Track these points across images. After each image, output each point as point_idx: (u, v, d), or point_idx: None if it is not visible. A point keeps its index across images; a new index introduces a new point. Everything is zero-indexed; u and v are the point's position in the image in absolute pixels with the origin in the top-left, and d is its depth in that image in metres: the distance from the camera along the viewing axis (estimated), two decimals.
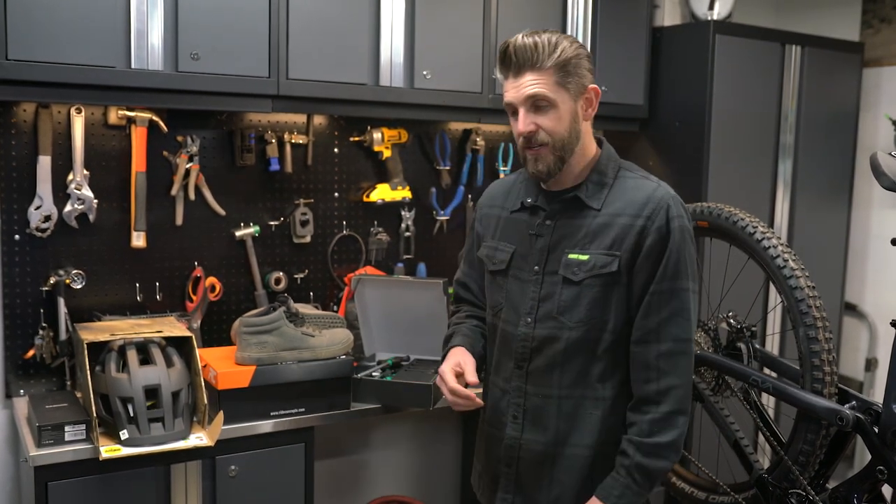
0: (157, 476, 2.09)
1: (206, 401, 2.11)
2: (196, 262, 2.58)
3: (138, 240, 2.44)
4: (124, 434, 1.97)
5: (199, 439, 2.04)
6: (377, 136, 2.78)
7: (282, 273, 2.71)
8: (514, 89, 1.66)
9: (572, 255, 1.70)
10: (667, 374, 1.65)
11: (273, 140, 2.62)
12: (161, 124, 2.43)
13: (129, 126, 2.42)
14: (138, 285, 2.51)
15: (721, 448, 2.13)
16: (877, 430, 1.81)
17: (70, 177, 2.35)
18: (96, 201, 2.38)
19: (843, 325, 3.53)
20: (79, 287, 2.38)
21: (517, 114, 1.67)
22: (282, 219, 2.72)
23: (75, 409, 2.13)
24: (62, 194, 2.35)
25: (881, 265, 3.54)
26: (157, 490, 2.10)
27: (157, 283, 2.53)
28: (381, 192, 2.82)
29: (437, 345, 2.03)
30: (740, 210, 2.12)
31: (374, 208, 2.86)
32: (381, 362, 2.53)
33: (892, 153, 1.84)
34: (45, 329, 2.36)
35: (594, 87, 1.71)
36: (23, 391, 2.37)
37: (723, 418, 2.09)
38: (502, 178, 1.98)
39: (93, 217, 2.39)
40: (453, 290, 2.06)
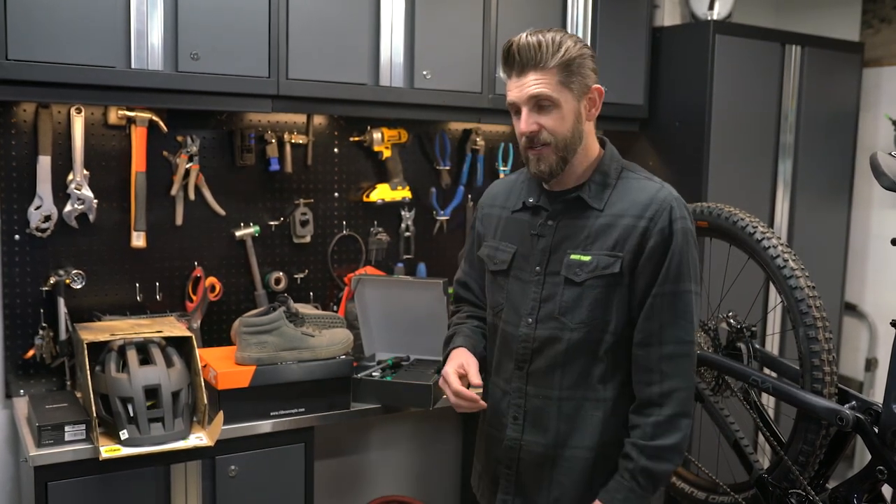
0: (156, 476, 2.09)
1: (206, 401, 2.11)
2: (196, 262, 2.58)
3: (138, 240, 2.44)
4: (124, 434, 1.97)
5: (198, 439, 2.04)
6: (377, 136, 2.78)
7: (282, 273, 2.71)
8: (517, 88, 1.65)
9: (574, 256, 1.69)
10: (669, 376, 1.65)
11: (273, 140, 2.62)
12: (161, 124, 2.43)
13: (129, 126, 2.42)
14: (138, 285, 2.51)
15: (721, 448, 2.13)
16: (877, 430, 1.81)
17: (70, 177, 2.35)
18: (96, 201, 2.38)
19: (843, 325, 3.53)
20: (79, 287, 2.38)
21: (520, 113, 1.66)
22: (282, 219, 2.71)
23: (75, 409, 2.13)
24: (62, 194, 2.35)
25: (881, 265, 3.54)
26: (156, 490, 2.10)
27: (157, 283, 2.53)
28: (381, 192, 2.82)
29: (437, 345, 2.03)
30: (740, 210, 2.12)
31: (374, 208, 2.86)
32: (381, 362, 2.53)
33: (892, 153, 1.83)
34: (45, 329, 2.36)
35: (598, 87, 1.70)
36: (23, 391, 2.37)
37: (723, 418, 2.09)
38: (504, 178, 1.97)
39: (93, 217, 2.39)
40: (453, 289, 2.05)
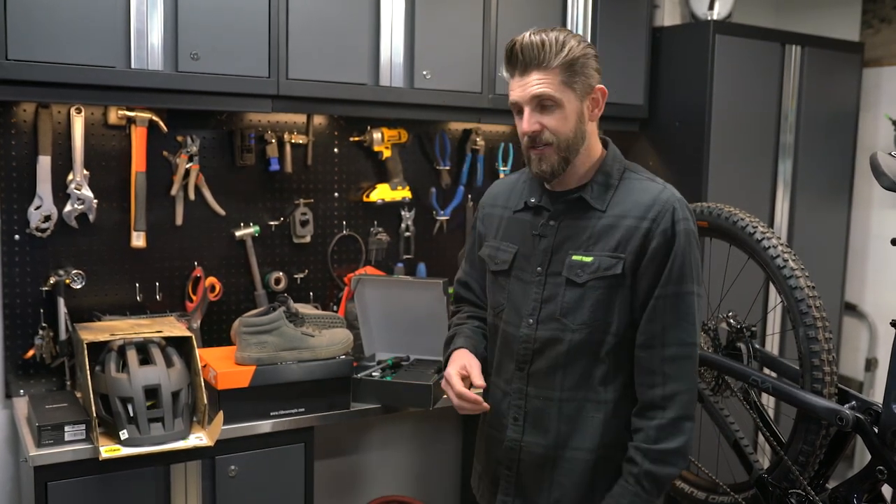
0: (156, 476, 2.09)
1: (205, 401, 2.11)
2: (196, 262, 2.58)
3: (138, 240, 2.44)
4: (124, 434, 1.97)
5: (198, 439, 2.04)
6: (377, 136, 2.78)
7: (282, 273, 2.71)
8: (519, 88, 1.65)
9: (576, 257, 1.68)
10: (672, 379, 1.64)
11: (273, 140, 2.62)
12: (161, 124, 2.43)
13: (129, 126, 2.42)
14: (138, 285, 2.51)
15: (721, 448, 2.13)
16: (877, 430, 1.81)
17: (70, 177, 2.35)
18: (96, 201, 2.38)
19: (843, 325, 3.53)
20: (79, 287, 2.38)
21: (522, 113, 1.66)
22: (282, 219, 2.71)
23: (75, 409, 2.13)
24: (62, 194, 2.35)
25: (881, 265, 3.54)
26: (156, 490, 2.10)
27: (157, 283, 2.53)
28: (381, 192, 2.82)
29: (437, 345, 2.03)
30: (740, 210, 2.12)
31: (374, 208, 2.86)
32: (380, 362, 2.53)
33: (892, 153, 1.83)
34: (45, 329, 2.36)
35: (601, 87, 1.70)
36: (23, 391, 2.37)
37: (723, 418, 2.08)
38: (505, 178, 1.96)
39: (93, 217, 2.39)
40: (454, 289, 2.05)
